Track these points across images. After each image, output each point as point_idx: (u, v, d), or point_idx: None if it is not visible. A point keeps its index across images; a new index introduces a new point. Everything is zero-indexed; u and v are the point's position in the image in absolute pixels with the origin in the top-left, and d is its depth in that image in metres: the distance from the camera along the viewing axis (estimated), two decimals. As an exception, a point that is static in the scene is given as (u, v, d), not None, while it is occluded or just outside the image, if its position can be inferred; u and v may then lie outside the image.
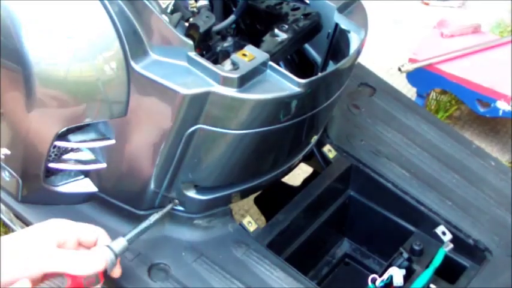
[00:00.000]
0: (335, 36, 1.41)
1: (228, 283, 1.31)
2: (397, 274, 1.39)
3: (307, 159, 1.59)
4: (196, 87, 1.16)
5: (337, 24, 1.39)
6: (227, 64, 1.19)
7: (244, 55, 1.19)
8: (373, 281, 1.39)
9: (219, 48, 1.35)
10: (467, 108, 2.35)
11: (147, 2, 1.16)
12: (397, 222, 1.55)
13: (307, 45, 1.49)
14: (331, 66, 1.44)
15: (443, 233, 1.41)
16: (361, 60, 1.46)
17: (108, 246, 1.16)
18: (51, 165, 1.34)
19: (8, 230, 1.89)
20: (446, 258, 1.41)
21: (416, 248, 1.44)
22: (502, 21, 2.93)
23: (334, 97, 1.34)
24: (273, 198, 1.62)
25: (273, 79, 1.20)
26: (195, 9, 1.35)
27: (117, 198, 1.38)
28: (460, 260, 1.47)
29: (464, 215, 1.49)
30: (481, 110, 2.26)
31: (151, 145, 1.26)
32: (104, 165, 1.33)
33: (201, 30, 1.28)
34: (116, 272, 1.18)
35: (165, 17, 1.22)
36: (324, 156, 1.58)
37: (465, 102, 2.32)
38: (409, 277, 1.41)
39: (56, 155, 1.35)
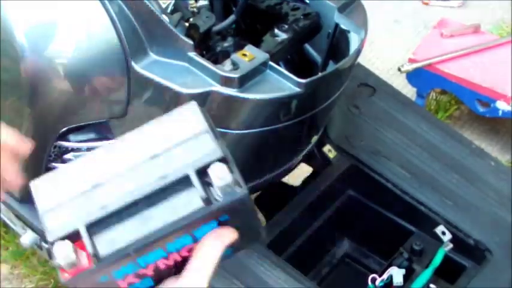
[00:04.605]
0: (335, 36, 1.41)
1: (228, 283, 1.30)
2: (396, 274, 1.39)
3: (307, 159, 1.59)
4: (197, 87, 1.16)
5: (337, 24, 1.39)
6: (227, 64, 1.19)
7: (244, 55, 1.19)
8: (373, 280, 1.39)
9: (219, 48, 1.35)
10: (467, 108, 2.34)
11: (147, 2, 1.16)
12: (397, 222, 1.55)
13: (307, 45, 1.48)
14: (331, 66, 1.44)
15: (443, 233, 1.41)
16: (361, 60, 1.46)
17: None
18: (52, 165, 1.34)
19: (8, 230, 1.89)
20: (446, 258, 1.41)
21: (416, 247, 1.44)
22: (502, 21, 2.93)
23: (334, 97, 1.34)
24: (273, 198, 1.61)
25: (273, 79, 1.20)
26: (195, 9, 1.34)
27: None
28: (460, 260, 1.47)
29: (464, 215, 1.49)
30: (481, 110, 2.25)
31: (151, 145, 1.26)
32: (104, 165, 1.33)
33: (201, 30, 1.28)
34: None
35: (165, 17, 1.22)
36: (324, 156, 1.57)
37: (465, 102, 2.31)
38: (408, 277, 1.41)
39: (56, 154, 1.35)
